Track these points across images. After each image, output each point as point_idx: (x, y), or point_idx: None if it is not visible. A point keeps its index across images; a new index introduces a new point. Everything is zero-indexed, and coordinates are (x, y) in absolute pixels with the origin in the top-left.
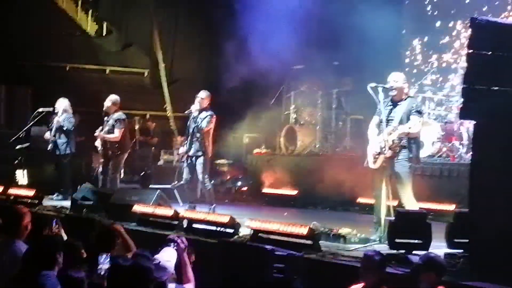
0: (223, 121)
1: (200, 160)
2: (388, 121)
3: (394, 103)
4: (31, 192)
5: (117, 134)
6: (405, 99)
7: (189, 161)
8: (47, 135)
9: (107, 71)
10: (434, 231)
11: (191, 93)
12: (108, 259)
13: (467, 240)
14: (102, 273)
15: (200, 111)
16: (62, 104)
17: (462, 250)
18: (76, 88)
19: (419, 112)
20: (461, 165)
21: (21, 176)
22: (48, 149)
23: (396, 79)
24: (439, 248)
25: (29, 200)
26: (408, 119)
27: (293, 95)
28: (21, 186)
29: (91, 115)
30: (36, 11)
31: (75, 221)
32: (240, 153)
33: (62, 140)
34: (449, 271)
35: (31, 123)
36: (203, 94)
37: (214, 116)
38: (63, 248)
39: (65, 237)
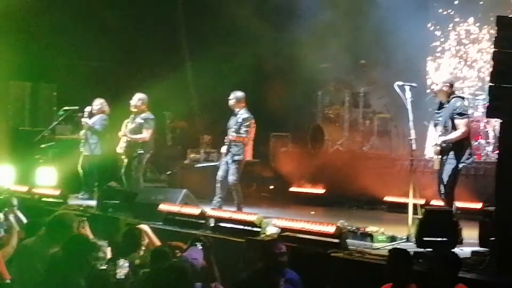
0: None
1: (235, 164)
2: (435, 124)
3: (441, 105)
4: (56, 192)
5: (145, 134)
6: (449, 101)
7: (225, 160)
8: (82, 133)
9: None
10: (465, 230)
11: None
12: (127, 264)
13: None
14: (123, 277)
15: (238, 111)
16: (98, 104)
17: (488, 249)
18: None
19: (461, 114)
20: (488, 163)
21: (46, 175)
22: (79, 148)
23: (436, 81)
24: (470, 246)
25: (55, 200)
26: (452, 122)
27: (320, 93)
28: (46, 186)
29: (115, 114)
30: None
31: (101, 220)
32: (267, 152)
33: (93, 140)
34: (475, 269)
35: (56, 122)
36: (232, 95)
37: (253, 122)
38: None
39: (91, 237)
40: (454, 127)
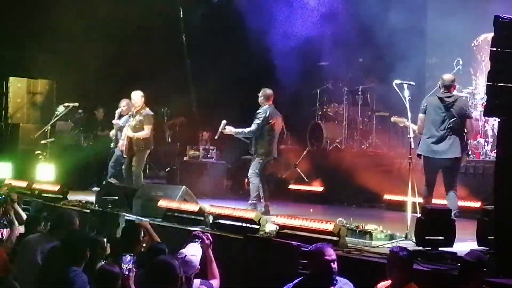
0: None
1: (254, 157)
2: None
3: None
4: (55, 187)
5: (147, 131)
6: None
7: None
8: (112, 133)
9: None
10: (463, 228)
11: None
12: (133, 260)
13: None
14: (127, 273)
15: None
16: (125, 104)
17: (488, 248)
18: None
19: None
20: (486, 162)
21: (46, 171)
22: (111, 146)
23: None
24: (467, 245)
25: (54, 195)
26: None
27: (318, 91)
28: (46, 181)
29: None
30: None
31: (100, 216)
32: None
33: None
34: None
35: (56, 118)
36: (261, 92)
37: (264, 113)
38: (91, 244)
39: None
40: None
